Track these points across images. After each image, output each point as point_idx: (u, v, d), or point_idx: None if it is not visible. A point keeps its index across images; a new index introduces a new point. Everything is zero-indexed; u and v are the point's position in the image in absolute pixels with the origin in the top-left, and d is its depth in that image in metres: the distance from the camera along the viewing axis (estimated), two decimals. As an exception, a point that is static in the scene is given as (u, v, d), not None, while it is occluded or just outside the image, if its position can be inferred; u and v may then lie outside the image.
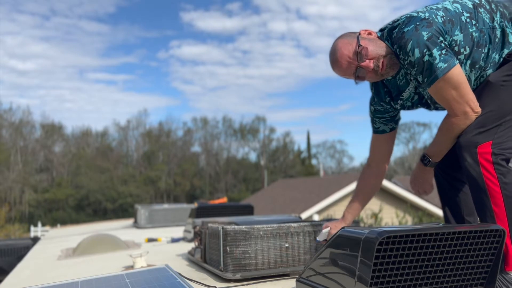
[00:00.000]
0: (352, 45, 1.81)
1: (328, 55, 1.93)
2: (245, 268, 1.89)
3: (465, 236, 1.41)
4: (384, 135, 2.09)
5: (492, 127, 1.67)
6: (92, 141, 49.44)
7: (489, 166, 1.64)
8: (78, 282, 1.80)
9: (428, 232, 1.36)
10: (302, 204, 16.16)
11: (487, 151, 1.65)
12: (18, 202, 38.77)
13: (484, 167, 1.64)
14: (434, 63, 1.65)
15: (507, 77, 1.73)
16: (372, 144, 2.14)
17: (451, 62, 1.66)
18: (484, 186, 1.64)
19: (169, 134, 49.50)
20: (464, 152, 1.69)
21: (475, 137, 1.67)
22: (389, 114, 2.06)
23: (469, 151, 1.68)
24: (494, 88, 1.73)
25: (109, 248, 3.09)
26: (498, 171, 1.64)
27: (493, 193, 1.63)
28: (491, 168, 1.64)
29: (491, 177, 1.63)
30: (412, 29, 1.68)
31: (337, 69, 1.88)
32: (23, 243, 4.22)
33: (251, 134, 49.69)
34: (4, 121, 43.34)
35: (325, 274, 1.48)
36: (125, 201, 39.52)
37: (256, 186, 42.27)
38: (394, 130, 2.10)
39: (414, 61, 1.68)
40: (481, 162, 1.65)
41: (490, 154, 1.64)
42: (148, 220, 4.83)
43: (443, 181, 2.06)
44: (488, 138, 1.66)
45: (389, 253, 1.30)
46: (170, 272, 1.85)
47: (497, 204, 1.62)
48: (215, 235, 2.04)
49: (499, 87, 1.72)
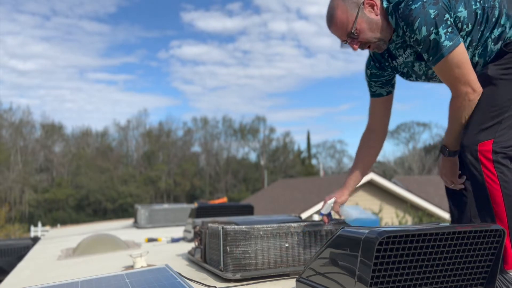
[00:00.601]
0: (349, 18, 1.81)
1: (327, 7, 1.92)
2: (245, 268, 1.89)
3: (465, 236, 1.41)
4: (381, 98, 2.10)
5: (493, 125, 1.67)
6: (92, 141, 49.44)
7: (489, 164, 1.64)
8: (78, 282, 1.80)
9: (428, 232, 1.36)
10: (302, 204, 16.15)
11: (487, 149, 1.64)
12: (18, 202, 38.77)
13: (484, 165, 1.64)
14: (440, 41, 1.67)
15: (506, 70, 1.72)
16: (371, 109, 2.15)
17: (456, 41, 1.67)
18: (484, 184, 1.64)
19: (169, 134, 49.49)
20: (466, 150, 1.69)
21: (477, 135, 1.67)
22: (384, 78, 2.07)
23: (470, 149, 1.67)
24: (493, 82, 1.72)
25: (109, 248, 3.10)
26: (498, 169, 1.63)
27: (493, 191, 1.62)
28: (491, 166, 1.63)
29: (491, 175, 1.63)
30: (419, 6, 1.68)
31: (329, 29, 1.91)
32: (23, 243, 4.22)
33: (251, 134, 49.69)
34: (4, 121, 43.33)
35: (325, 274, 1.48)
36: (125, 201, 39.52)
37: (256, 186, 42.27)
38: (391, 94, 2.11)
39: (420, 39, 1.69)
40: (482, 160, 1.64)
41: (491, 152, 1.64)
42: (148, 220, 4.83)
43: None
44: (489, 136, 1.65)
45: (389, 253, 1.30)
46: (170, 272, 1.85)
47: (497, 202, 1.62)
48: (215, 235, 2.04)
49: (498, 81, 1.71)
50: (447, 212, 14.87)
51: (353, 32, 1.81)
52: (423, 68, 1.93)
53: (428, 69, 1.93)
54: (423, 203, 15.43)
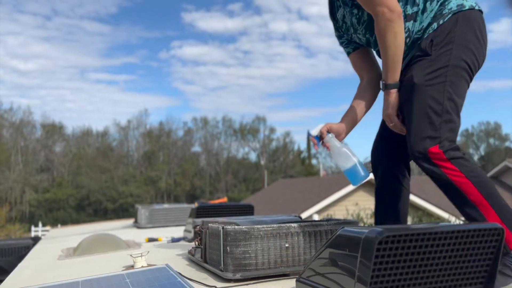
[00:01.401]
0: None
1: None
2: (245, 268, 1.89)
3: (465, 235, 1.41)
4: (352, 55, 2.11)
5: (434, 130, 1.69)
6: (93, 141, 49.49)
7: (447, 164, 1.66)
8: (78, 282, 1.80)
9: (428, 231, 1.36)
10: (302, 204, 16.16)
11: (437, 152, 1.67)
12: (19, 202, 38.80)
13: (443, 166, 1.67)
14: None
15: (429, 75, 1.72)
16: (352, 65, 2.16)
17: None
18: (452, 183, 1.66)
19: (169, 134, 49.53)
20: (420, 162, 1.71)
21: (422, 144, 1.69)
22: (345, 38, 2.08)
23: (423, 159, 1.70)
24: (421, 89, 1.72)
25: (110, 248, 3.10)
26: (456, 164, 1.66)
27: (463, 186, 1.65)
28: (449, 165, 1.66)
29: (454, 171, 1.66)
30: None
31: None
32: (23, 243, 4.22)
33: (251, 134, 49.71)
34: (5, 121, 43.36)
35: (325, 274, 1.48)
36: (126, 201, 39.54)
37: (256, 186, 42.27)
38: (359, 49, 2.08)
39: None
40: (438, 163, 1.67)
41: (442, 153, 1.67)
42: (149, 220, 4.83)
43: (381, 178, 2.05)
44: (434, 141, 1.68)
45: (389, 252, 1.31)
46: (170, 272, 1.86)
47: (472, 193, 1.64)
48: (215, 235, 2.04)
49: (424, 88, 1.72)
50: (447, 212, 14.87)
51: None
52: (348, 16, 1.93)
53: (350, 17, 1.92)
54: (423, 203, 15.42)
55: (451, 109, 1.71)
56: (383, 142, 2.06)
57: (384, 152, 2.05)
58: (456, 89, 1.73)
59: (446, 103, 1.70)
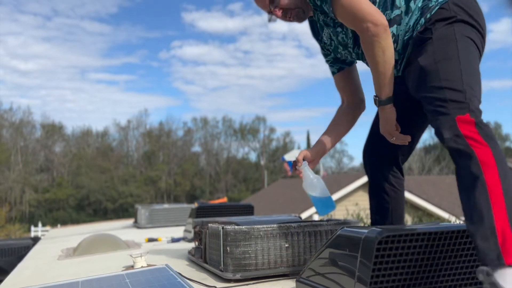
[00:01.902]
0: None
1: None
2: (245, 268, 1.89)
3: (465, 235, 1.41)
4: (336, 75, 2.07)
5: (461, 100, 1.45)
6: (93, 141, 49.49)
7: (475, 135, 1.39)
8: (78, 282, 1.80)
9: (428, 231, 1.36)
10: (302, 204, 16.15)
11: (468, 121, 1.42)
12: (19, 202, 38.80)
13: (469, 137, 1.40)
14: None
15: (435, 54, 1.57)
16: (335, 85, 2.12)
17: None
18: (474, 155, 1.37)
19: (169, 134, 49.53)
20: (444, 130, 1.45)
21: (450, 113, 1.45)
22: (331, 57, 2.04)
23: (448, 127, 1.44)
24: (430, 69, 1.55)
25: (110, 248, 3.10)
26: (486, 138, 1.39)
27: (485, 160, 1.35)
28: (478, 137, 1.39)
29: (480, 145, 1.38)
30: None
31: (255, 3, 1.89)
32: (23, 243, 4.22)
33: (251, 134, 49.72)
34: (5, 121, 43.36)
35: (324, 274, 1.48)
36: (126, 201, 39.54)
37: (256, 186, 42.27)
38: (344, 70, 2.04)
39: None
40: (465, 133, 1.40)
41: (474, 123, 1.41)
42: (149, 220, 4.83)
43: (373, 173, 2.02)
44: (463, 111, 1.43)
45: (389, 252, 1.31)
46: (170, 272, 1.86)
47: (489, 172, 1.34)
48: (215, 235, 2.04)
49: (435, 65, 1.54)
50: (447, 212, 14.87)
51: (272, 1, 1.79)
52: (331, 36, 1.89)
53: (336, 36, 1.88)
54: (423, 203, 15.41)
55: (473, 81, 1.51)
56: (373, 142, 2.03)
57: (374, 152, 2.02)
58: (472, 61, 1.56)
59: (464, 73, 1.50)
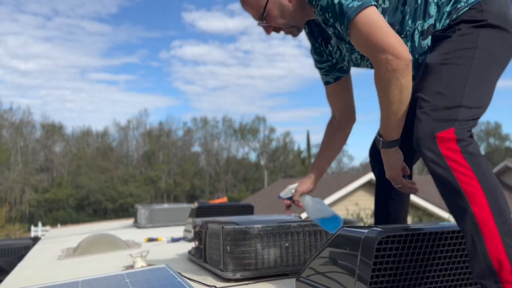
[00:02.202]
0: (259, 3, 1.62)
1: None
2: (245, 267, 1.89)
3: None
4: (331, 85, 1.91)
5: (450, 112, 1.32)
6: (93, 141, 49.50)
7: (457, 156, 1.27)
8: (78, 282, 1.80)
9: (428, 231, 1.36)
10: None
11: (450, 137, 1.28)
12: (19, 202, 38.81)
13: (450, 158, 1.27)
14: (345, 3, 1.40)
15: (446, 55, 1.41)
16: (326, 97, 1.97)
17: (366, 1, 1.40)
18: (457, 183, 1.25)
19: (169, 134, 49.54)
20: (422, 147, 1.33)
21: (431, 125, 1.32)
22: (327, 64, 1.86)
23: (427, 144, 1.31)
24: (436, 70, 1.40)
25: (109, 248, 3.10)
26: (470, 160, 1.26)
27: (470, 190, 1.24)
28: (460, 158, 1.26)
29: (463, 169, 1.25)
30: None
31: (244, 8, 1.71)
32: (23, 243, 4.22)
33: (251, 134, 49.72)
34: (5, 121, 43.37)
35: (324, 274, 1.48)
36: (125, 201, 39.55)
37: (256, 186, 42.28)
38: (341, 79, 1.88)
39: (324, 6, 1.45)
40: (445, 153, 1.28)
41: (455, 141, 1.28)
42: (148, 220, 4.83)
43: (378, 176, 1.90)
44: (448, 124, 1.30)
45: (389, 252, 1.31)
46: (170, 272, 1.86)
47: (478, 203, 1.24)
48: (215, 235, 2.04)
49: (440, 69, 1.40)
50: (447, 212, 14.88)
51: (264, 16, 1.63)
52: (345, 52, 1.70)
53: (350, 53, 1.69)
54: (423, 203, 15.41)
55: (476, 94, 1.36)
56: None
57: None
58: (486, 73, 1.40)
59: (470, 84, 1.35)
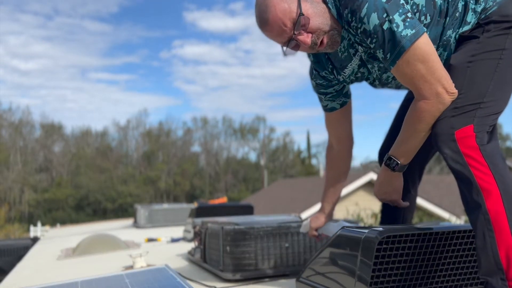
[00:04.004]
0: (290, 6, 1.40)
1: (256, 6, 1.47)
2: (245, 268, 1.89)
3: (465, 235, 1.41)
4: (335, 112, 1.78)
5: (470, 110, 1.32)
6: (92, 141, 49.45)
7: (474, 153, 1.28)
8: (78, 282, 1.80)
9: (428, 231, 1.36)
10: (302, 204, 16.15)
11: (469, 135, 1.29)
12: (18, 202, 38.78)
13: (468, 155, 1.28)
14: (397, 30, 1.29)
15: (472, 57, 1.38)
16: (326, 124, 1.84)
17: (419, 29, 1.31)
18: (473, 178, 1.26)
19: (169, 134, 49.51)
20: (440, 143, 1.33)
21: (450, 121, 1.32)
22: (334, 88, 1.72)
23: (445, 140, 1.32)
24: (460, 70, 1.38)
25: (109, 248, 3.09)
26: (487, 158, 1.27)
27: (485, 186, 1.25)
28: (477, 155, 1.27)
29: (480, 166, 1.27)
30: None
31: (266, 32, 1.48)
32: (22, 243, 4.22)
33: (251, 134, 49.70)
34: (4, 121, 43.34)
35: (325, 274, 1.48)
36: (125, 201, 39.51)
37: (256, 186, 42.26)
38: (346, 104, 1.78)
39: (370, 30, 1.33)
40: (463, 150, 1.29)
41: (474, 137, 1.29)
42: (148, 220, 4.83)
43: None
44: (467, 121, 1.31)
45: (389, 252, 1.30)
46: (170, 272, 1.85)
47: (492, 198, 1.24)
48: (215, 235, 2.04)
49: (465, 69, 1.37)
50: (447, 212, 14.88)
51: (299, 21, 1.39)
52: (376, 70, 1.58)
53: (382, 72, 1.59)
54: (423, 203, 15.41)
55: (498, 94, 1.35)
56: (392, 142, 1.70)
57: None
58: (510, 74, 1.38)
59: (493, 84, 1.34)
